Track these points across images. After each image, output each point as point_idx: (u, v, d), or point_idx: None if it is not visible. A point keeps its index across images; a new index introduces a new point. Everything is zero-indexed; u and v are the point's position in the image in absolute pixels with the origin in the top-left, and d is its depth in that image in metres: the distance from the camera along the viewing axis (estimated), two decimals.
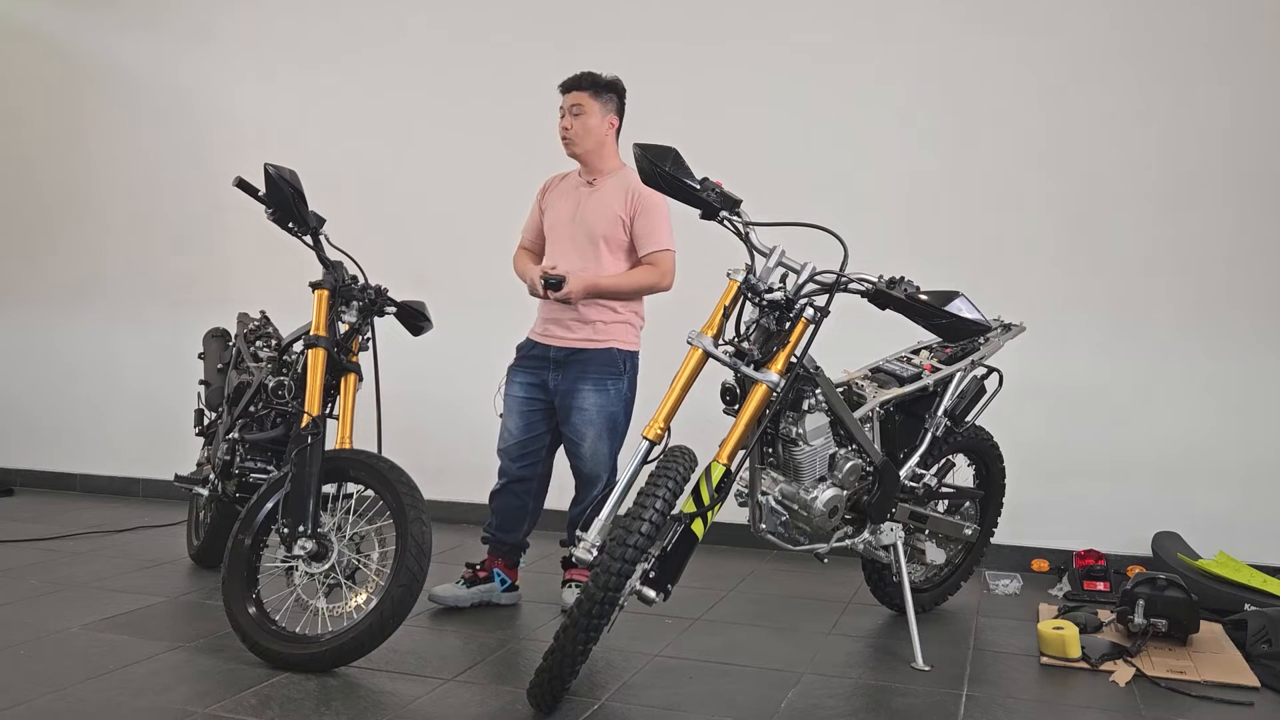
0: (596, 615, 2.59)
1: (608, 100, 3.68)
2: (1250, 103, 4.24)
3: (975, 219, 4.53)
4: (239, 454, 3.65)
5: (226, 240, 5.58)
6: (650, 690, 2.92)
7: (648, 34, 4.87)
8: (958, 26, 4.53)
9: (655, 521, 2.63)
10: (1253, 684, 3.04)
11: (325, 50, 5.41)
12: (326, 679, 2.96)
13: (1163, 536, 4.24)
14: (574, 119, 3.63)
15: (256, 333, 4.16)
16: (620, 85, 3.71)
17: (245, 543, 3.17)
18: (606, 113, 3.68)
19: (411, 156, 5.28)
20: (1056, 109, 4.43)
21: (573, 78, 3.67)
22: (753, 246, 2.98)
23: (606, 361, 3.62)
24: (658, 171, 2.89)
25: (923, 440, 3.43)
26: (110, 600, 3.71)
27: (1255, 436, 4.26)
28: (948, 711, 2.81)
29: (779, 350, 2.90)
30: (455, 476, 4.91)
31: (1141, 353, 4.36)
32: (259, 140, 5.41)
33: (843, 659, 3.25)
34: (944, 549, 3.69)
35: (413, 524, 3.03)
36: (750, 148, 4.69)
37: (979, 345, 3.55)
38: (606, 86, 3.67)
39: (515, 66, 5.08)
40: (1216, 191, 4.28)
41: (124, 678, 2.94)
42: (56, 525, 4.97)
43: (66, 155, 5.88)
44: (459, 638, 3.39)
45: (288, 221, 3.42)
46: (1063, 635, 3.23)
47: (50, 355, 5.96)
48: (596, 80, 3.66)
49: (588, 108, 3.63)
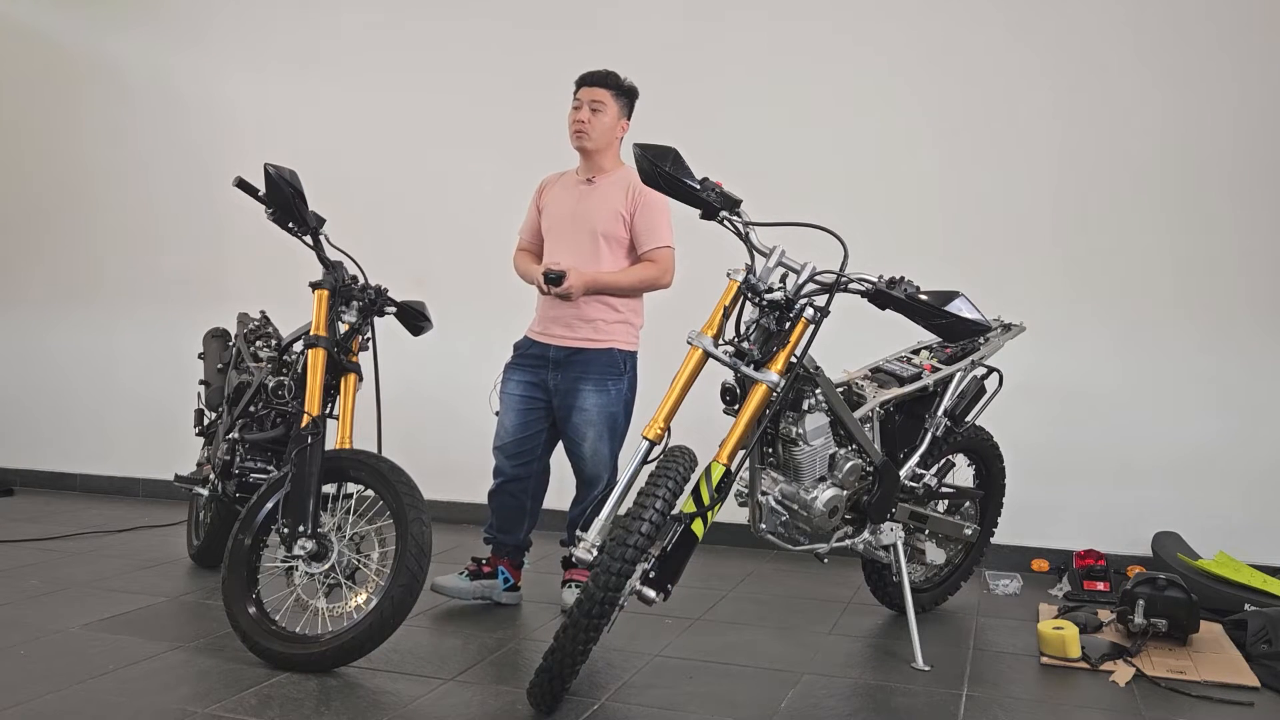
0: (596, 615, 2.59)
1: (624, 104, 3.70)
2: (1255, 101, 4.24)
3: (976, 219, 4.53)
4: (239, 454, 3.65)
5: (226, 240, 5.58)
6: (650, 690, 2.92)
7: (648, 33, 4.88)
8: (959, 26, 4.53)
9: (655, 521, 2.63)
10: (1253, 684, 3.04)
11: (325, 50, 5.41)
12: (326, 679, 2.96)
13: (1163, 536, 4.24)
14: (592, 114, 3.62)
15: (256, 333, 4.16)
16: (636, 92, 3.73)
17: (245, 543, 3.17)
18: (621, 115, 3.69)
19: (412, 156, 5.27)
20: (1058, 108, 4.43)
21: (598, 73, 3.67)
22: (753, 246, 2.98)
23: (607, 362, 3.62)
24: (658, 171, 2.89)
25: (923, 440, 3.43)
26: (110, 600, 3.71)
27: (1256, 436, 4.26)
28: (948, 711, 2.81)
29: (779, 350, 2.90)
30: (455, 476, 4.91)
31: (1142, 352, 4.36)
32: (258, 140, 5.41)
33: (843, 659, 3.25)
34: (944, 549, 3.69)
35: (413, 524, 3.03)
36: (750, 148, 4.69)
37: (979, 345, 3.55)
38: (627, 90, 3.69)
39: (516, 66, 5.08)
40: (1218, 191, 4.28)
41: (124, 678, 2.94)
42: (56, 525, 4.97)
43: (65, 155, 5.88)
44: (459, 638, 3.39)
45: (288, 221, 3.42)
46: (1063, 635, 3.23)
47: (50, 355, 5.95)
48: (620, 81, 3.67)
49: (608, 106, 3.64)
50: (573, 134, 3.66)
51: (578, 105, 3.65)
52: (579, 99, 3.66)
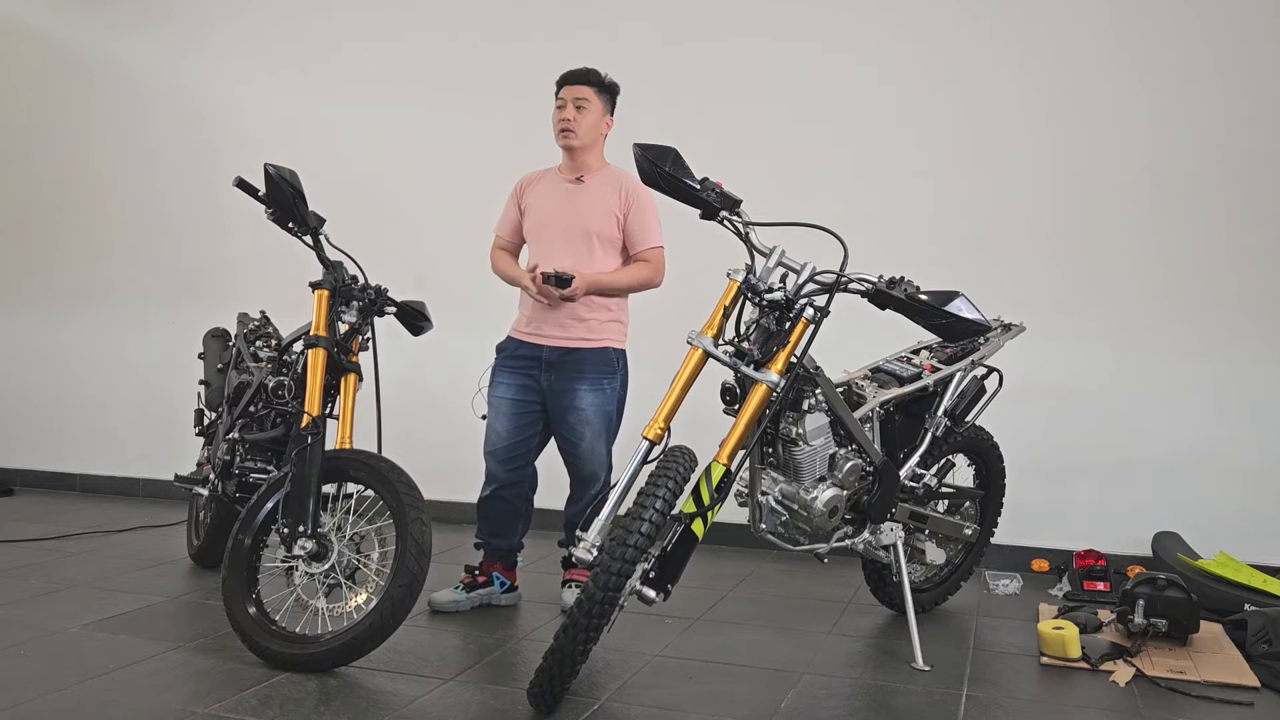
0: (596, 615, 2.59)
1: (608, 100, 3.69)
2: (1252, 102, 4.24)
3: (976, 218, 4.53)
4: (239, 454, 3.65)
5: (226, 240, 5.58)
6: (650, 690, 2.92)
7: (648, 33, 4.87)
8: (959, 27, 4.53)
9: (655, 521, 2.63)
10: (1253, 684, 3.03)
11: (325, 50, 5.41)
12: (326, 679, 2.96)
13: (1163, 536, 4.24)
14: (578, 112, 3.61)
15: (256, 333, 4.16)
16: (618, 89, 3.72)
17: (245, 543, 3.17)
18: (605, 112, 3.68)
19: (411, 156, 5.27)
20: (1058, 108, 4.43)
21: (579, 71, 3.66)
22: (753, 246, 2.98)
23: (602, 361, 3.61)
24: (658, 171, 2.89)
25: (923, 440, 3.43)
26: (110, 600, 3.71)
27: (1256, 436, 4.26)
28: (948, 711, 2.81)
29: (779, 350, 2.90)
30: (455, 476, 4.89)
31: (1141, 352, 4.36)
32: (259, 140, 5.41)
33: (843, 659, 3.25)
34: (944, 549, 3.69)
35: (413, 524, 3.03)
36: (750, 147, 4.68)
37: (979, 345, 3.55)
38: (609, 87, 3.69)
39: (516, 66, 5.08)
40: (1217, 191, 4.28)
41: (124, 678, 2.94)
42: (56, 525, 4.97)
43: (65, 155, 5.88)
44: (459, 638, 3.39)
45: (288, 221, 3.42)
46: (1063, 635, 3.23)
47: (50, 355, 5.95)
48: (602, 79, 3.66)
49: (593, 104, 3.63)
50: (558, 133, 3.65)
51: (561, 104, 3.64)
52: (562, 98, 3.64)
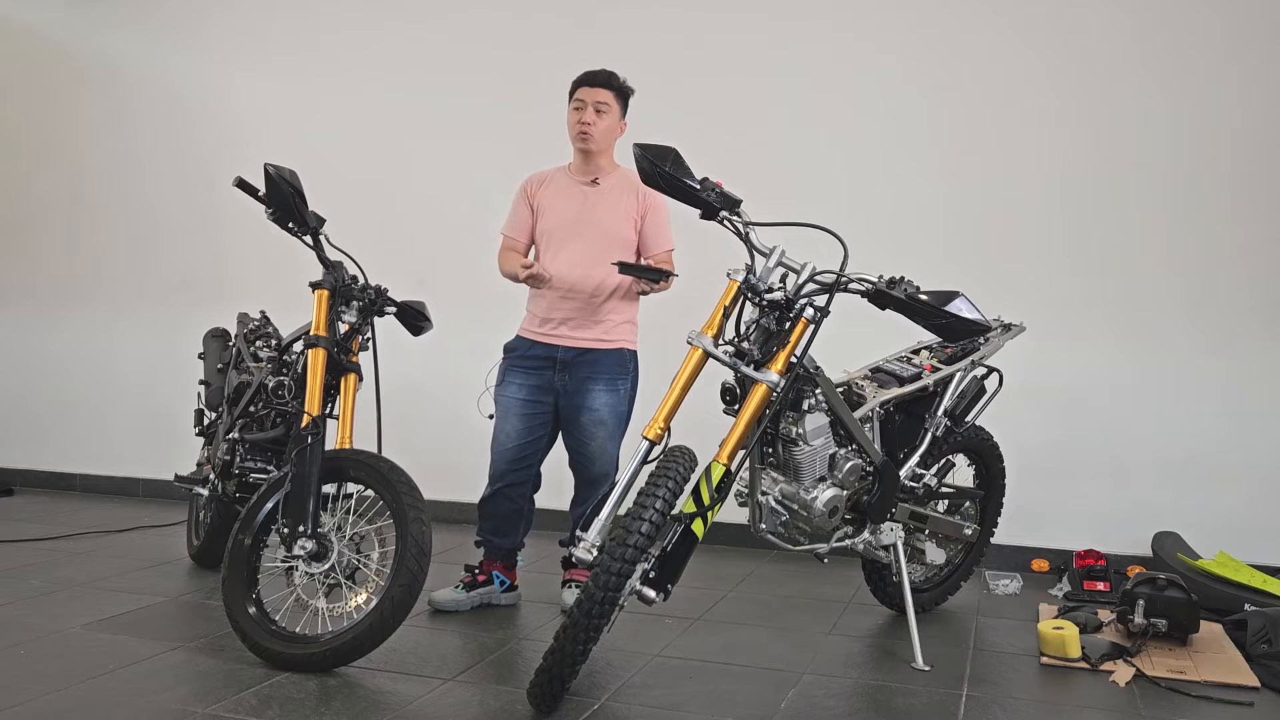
0: (596, 615, 2.59)
1: (623, 104, 3.69)
2: (1257, 102, 4.24)
3: (976, 218, 4.53)
4: (239, 454, 3.65)
5: (226, 240, 5.58)
6: (650, 690, 2.92)
7: (648, 33, 4.87)
8: (961, 26, 4.53)
9: (655, 521, 2.63)
10: (1253, 684, 3.04)
11: (325, 50, 5.41)
12: (326, 679, 2.96)
13: (1163, 536, 4.24)
14: (597, 115, 3.60)
15: (256, 333, 4.16)
16: (633, 92, 3.73)
17: (245, 543, 3.17)
18: (621, 116, 3.69)
19: (412, 156, 5.27)
20: (1058, 108, 4.43)
21: (600, 74, 3.64)
22: (753, 246, 2.98)
23: (617, 362, 3.62)
24: (658, 171, 2.89)
25: (923, 440, 3.43)
26: (110, 600, 3.71)
27: (1255, 437, 4.26)
28: (948, 711, 2.81)
29: (779, 350, 2.90)
30: (455, 476, 4.90)
31: (1142, 352, 4.36)
32: (258, 140, 5.41)
33: (843, 659, 3.25)
34: (944, 549, 3.69)
35: (413, 524, 3.03)
36: (750, 147, 4.69)
37: (979, 345, 3.55)
38: (626, 91, 3.69)
39: (516, 66, 5.08)
40: (1219, 191, 4.28)
41: (124, 678, 2.94)
42: (56, 525, 4.97)
43: (65, 155, 5.88)
44: (459, 638, 3.39)
45: (288, 221, 3.42)
46: (1063, 635, 3.23)
47: (50, 355, 5.95)
48: (621, 83, 3.66)
49: (612, 108, 3.63)
50: (576, 135, 3.62)
51: (580, 106, 3.61)
52: (581, 99, 3.61)
